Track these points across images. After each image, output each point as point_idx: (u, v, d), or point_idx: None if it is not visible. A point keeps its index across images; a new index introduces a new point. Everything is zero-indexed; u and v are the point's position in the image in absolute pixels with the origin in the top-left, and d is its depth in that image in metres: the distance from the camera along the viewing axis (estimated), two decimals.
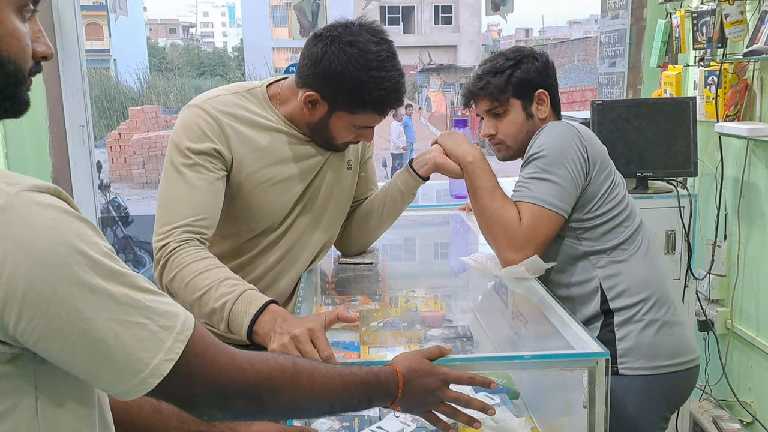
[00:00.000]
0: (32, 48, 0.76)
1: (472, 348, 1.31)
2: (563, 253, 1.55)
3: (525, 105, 1.61)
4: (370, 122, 1.40)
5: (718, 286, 2.64)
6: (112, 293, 0.69)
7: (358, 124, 1.39)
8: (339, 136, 1.42)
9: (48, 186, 0.70)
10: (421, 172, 1.56)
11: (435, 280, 1.81)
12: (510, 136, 1.63)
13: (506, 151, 1.65)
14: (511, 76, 1.60)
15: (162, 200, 1.33)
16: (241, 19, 29.69)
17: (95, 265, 0.69)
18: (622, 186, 1.59)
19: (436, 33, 28.51)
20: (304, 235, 1.50)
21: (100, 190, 5.47)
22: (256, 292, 1.17)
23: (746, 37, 2.39)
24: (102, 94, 18.28)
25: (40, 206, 0.67)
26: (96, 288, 0.68)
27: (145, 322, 0.71)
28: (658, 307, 1.51)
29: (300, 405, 0.87)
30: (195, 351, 0.75)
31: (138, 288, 0.72)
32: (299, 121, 1.44)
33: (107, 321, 0.69)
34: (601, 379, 1.04)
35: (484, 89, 1.62)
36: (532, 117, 1.62)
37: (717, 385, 2.67)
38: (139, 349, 0.71)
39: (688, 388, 1.58)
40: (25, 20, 0.75)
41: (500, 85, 1.60)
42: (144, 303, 0.72)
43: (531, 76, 1.61)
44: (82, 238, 0.68)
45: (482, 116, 1.67)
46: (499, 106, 1.61)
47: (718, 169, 2.60)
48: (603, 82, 3.31)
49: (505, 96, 1.60)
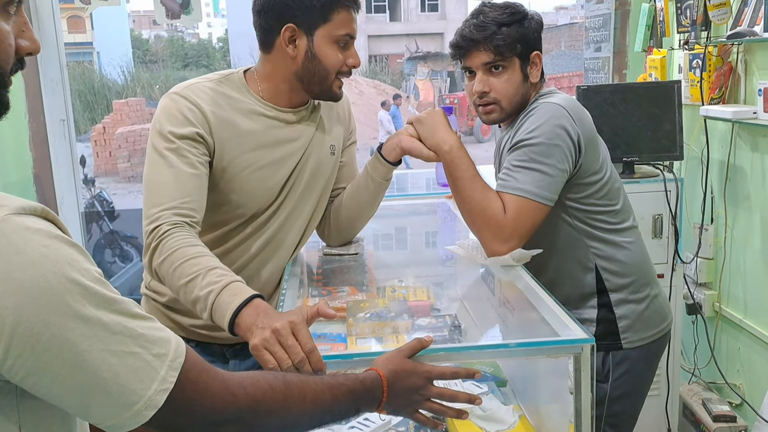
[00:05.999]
0: (16, 43, 0.72)
1: (460, 337, 1.30)
2: (558, 233, 1.55)
3: (523, 65, 1.54)
4: (346, 23, 1.38)
5: (706, 269, 2.65)
6: (106, 322, 0.67)
7: (338, 32, 1.37)
8: (329, 62, 1.39)
9: (35, 207, 0.67)
10: (390, 158, 1.51)
11: (422, 268, 1.80)
12: (507, 96, 1.54)
13: (498, 113, 1.57)
14: (518, 31, 1.51)
15: (148, 184, 1.32)
16: (226, 10, 29.44)
17: (88, 294, 0.66)
18: (609, 163, 1.59)
19: (423, 21, 28.39)
20: (288, 221, 1.49)
21: (85, 184, 5.42)
22: (243, 284, 1.16)
23: (730, 19, 2.39)
24: (85, 87, 18.07)
25: (29, 231, 0.64)
26: (89, 318, 0.66)
27: (139, 351, 0.69)
28: (646, 284, 1.60)
29: (292, 423, 0.86)
30: (189, 378, 0.73)
31: (130, 315, 0.70)
32: (281, 97, 1.44)
33: (101, 352, 0.66)
34: (587, 366, 1.04)
35: (490, 39, 1.50)
36: (527, 79, 1.56)
37: (706, 368, 2.69)
38: (132, 380, 0.68)
39: (666, 345, 1.72)
40: (10, 16, 0.71)
41: (509, 38, 1.50)
42: (137, 331, 0.69)
43: (534, 36, 1.55)
44: (73, 265, 0.66)
45: (473, 70, 1.55)
46: (501, 60, 1.51)
47: (704, 153, 2.60)
48: (589, 67, 3.30)
49: (510, 51, 1.51)
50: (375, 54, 26.96)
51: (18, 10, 0.73)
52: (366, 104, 17.53)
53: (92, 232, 5.33)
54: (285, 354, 0.99)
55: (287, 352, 0.99)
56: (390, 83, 21.70)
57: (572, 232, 1.55)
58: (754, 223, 2.41)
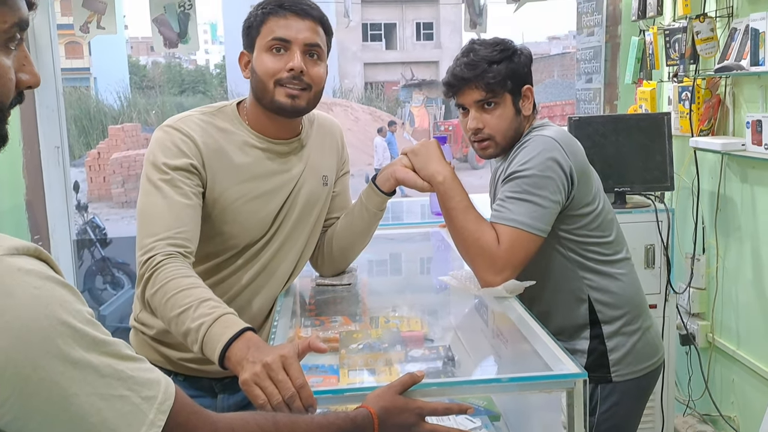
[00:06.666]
0: (17, 77, 0.73)
1: (454, 369, 1.30)
2: (551, 264, 1.56)
3: (515, 100, 1.56)
4: (273, 29, 1.37)
5: (698, 300, 2.66)
6: (96, 365, 0.66)
7: (266, 39, 1.37)
8: (261, 69, 1.37)
9: (28, 247, 0.67)
10: (384, 188, 1.52)
11: (416, 298, 1.80)
12: (501, 131, 1.55)
13: (494, 148, 1.58)
14: (508, 68, 1.53)
15: (142, 215, 1.32)
16: (224, 37, 29.72)
17: (78, 336, 0.66)
18: (603, 194, 1.60)
19: (418, 49, 28.70)
20: (280, 252, 1.49)
21: (78, 210, 5.41)
22: (235, 316, 1.15)
23: (717, 53, 2.43)
24: (81, 112, 18.13)
25: (22, 272, 0.64)
26: (79, 361, 0.65)
27: (128, 394, 0.69)
28: (638, 317, 1.60)
29: None
30: (178, 421, 0.72)
31: (120, 356, 0.69)
32: (267, 127, 1.44)
33: (90, 396, 0.66)
34: (580, 400, 1.03)
35: (481, 77, 1.52)
36: (520, 113, 1.57)
37: (700, 399, 2.68)
38: (121, 425, 0.68)
39: (657, 379, 1.70)
40: (11, 51, 0.72)
41: (500, 75, 1.52)
42: (126, 373, 0.69)
43: (524, 70, 1.57)
44: (65, 307, 0.65)
45: (467, 108, 1.57)
46: (493, 97, 1.53)
47: (695, 183, 2.62)
48: (580, 97, 3.34)
49: (501, 88, 1.53)
50: (371, 81, 27.21)
51: (19, 45, 0.73)
52: (361, 130, 17.62)
53: (84, 258, 5.30)
54: (275, 389, 0.98)
55: (277, 387, 0.98)
56: (385, 110, 21.86)
57: (565, 263, 1.56)
58: (746, 254, 2.42)
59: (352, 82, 26.11)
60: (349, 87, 25.18)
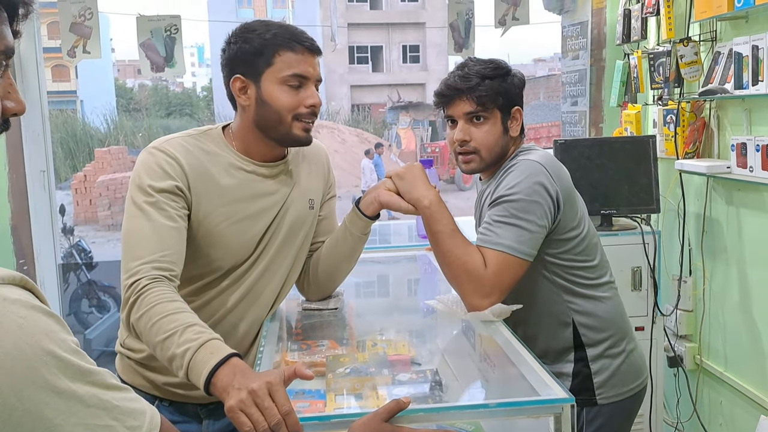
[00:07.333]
0: (2, 105, 0.72)
1: (441, 393, 1.29)
2: (537, 288, 1.56)
3: (504, 118, 1.58)
4: (292, 64, 1.37)
5: (686, 322, 2.66)
6: (80, 395, 0.66)
7: (283, 73, 1.37)
8: (279, 104, 1.38)
9: (14, 276, 0.67)
10: (368, 212, 1.51)
11: (403, 320, 1.79)
12: (486, 146, 1.56)
13: (477, 162, 1.59)
14: (500, 85, 1.56)
15: (127, 238, 1.31)
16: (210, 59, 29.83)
17: (63, 366, 0.65)
18: (587, 218, 1.61)
19: (405, 71, 28.96)
20: (265, 275, 1.48)
21: (64, 233, 5.36)
22: (221, 342, 1.14)
23: (701, 76, 2.47)
24: (68, 135, 18.07)
25: (7, 302, 0.64)
26: (64, 391, 0.64)
27: (113, 424, 0.68)
28: (623, 339, 1.61)
29: None
30: None
31: (105, 386, 0.69)
32: (254, 151, 1.44)
33: (75, 426, 0.65)
34: (567, 425, 1.03)
35: (473, 90, 1.54)
36: (507, 133, 1.59)
37: (689, 421, 2.67)
38: None
39: (642, 400, 1.70)
40: None
41: (492, 90, 1.54)
42: (112, 403, 0.68)
43: (516, 92, 1.59)
44: (50, 336, 0.65)
45: (455, 119, 1.58)
46: (483, 111, 1.55)
47: (680, 206, 2.64)
48: (566, 120, 3.37)
49: (492, 103, 1.54)
50: (357, 103, 27.36)
51: (5, 72, 0.73)
52: (348, 152, 17.68)
53: (70, 281, 5.25)
54: (261, 416, 0.97)
55: (263, 414, 0.97)
56: (372, 132, 21.97)
57: (550, 287, 1.56)
58: (732, 276, 2.43)
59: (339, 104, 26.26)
60: (336, 109, 25.32)
